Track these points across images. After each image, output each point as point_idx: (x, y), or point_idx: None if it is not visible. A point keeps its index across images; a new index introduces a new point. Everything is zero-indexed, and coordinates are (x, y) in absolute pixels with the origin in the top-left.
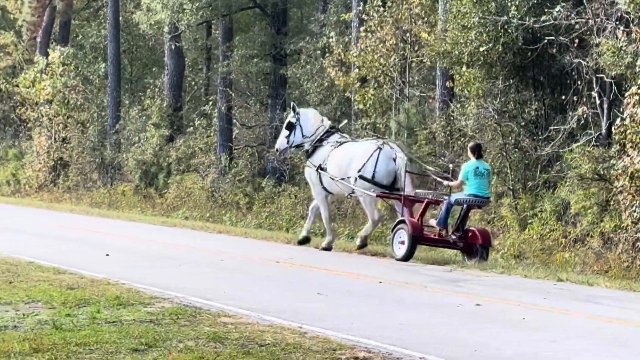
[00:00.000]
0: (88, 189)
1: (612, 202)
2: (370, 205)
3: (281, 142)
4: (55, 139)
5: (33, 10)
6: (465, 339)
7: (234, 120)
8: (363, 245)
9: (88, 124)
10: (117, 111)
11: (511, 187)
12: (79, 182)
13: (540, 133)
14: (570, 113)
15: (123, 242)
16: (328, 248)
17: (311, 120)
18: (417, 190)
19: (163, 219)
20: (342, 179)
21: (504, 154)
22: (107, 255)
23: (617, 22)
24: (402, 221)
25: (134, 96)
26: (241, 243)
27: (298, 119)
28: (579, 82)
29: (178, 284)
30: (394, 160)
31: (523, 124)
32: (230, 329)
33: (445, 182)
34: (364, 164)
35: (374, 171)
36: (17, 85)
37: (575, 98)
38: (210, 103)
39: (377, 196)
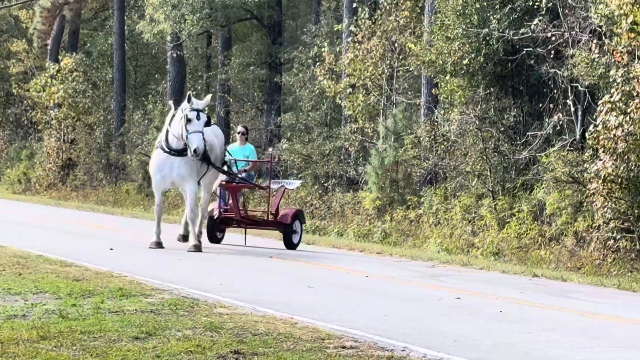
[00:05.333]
0: (94, 187)
1: (585, 204)
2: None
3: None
4: (64, 140)
5: (44, 19)
6: (446, 331)
7: (232, 124)
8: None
9: (95, 127)
10: (122, 115)
11: (490, 189)
12: (85, 181)
13: (518, 138)
14: (547, 120)
15: (126, 237)
16: (160, 243)
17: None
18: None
19: (164, 216)
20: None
21: (484, 157)
22: (112, 249)
23: (591, 35)
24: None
25: (138, 101)
26: (237, 239)
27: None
28: (555, 91)
29: (177, 277)
30: None
31: (502, 129)
32: (225, 319)
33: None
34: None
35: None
36: (28, 90)
37: (551, 106)
38: (209, 108)
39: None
